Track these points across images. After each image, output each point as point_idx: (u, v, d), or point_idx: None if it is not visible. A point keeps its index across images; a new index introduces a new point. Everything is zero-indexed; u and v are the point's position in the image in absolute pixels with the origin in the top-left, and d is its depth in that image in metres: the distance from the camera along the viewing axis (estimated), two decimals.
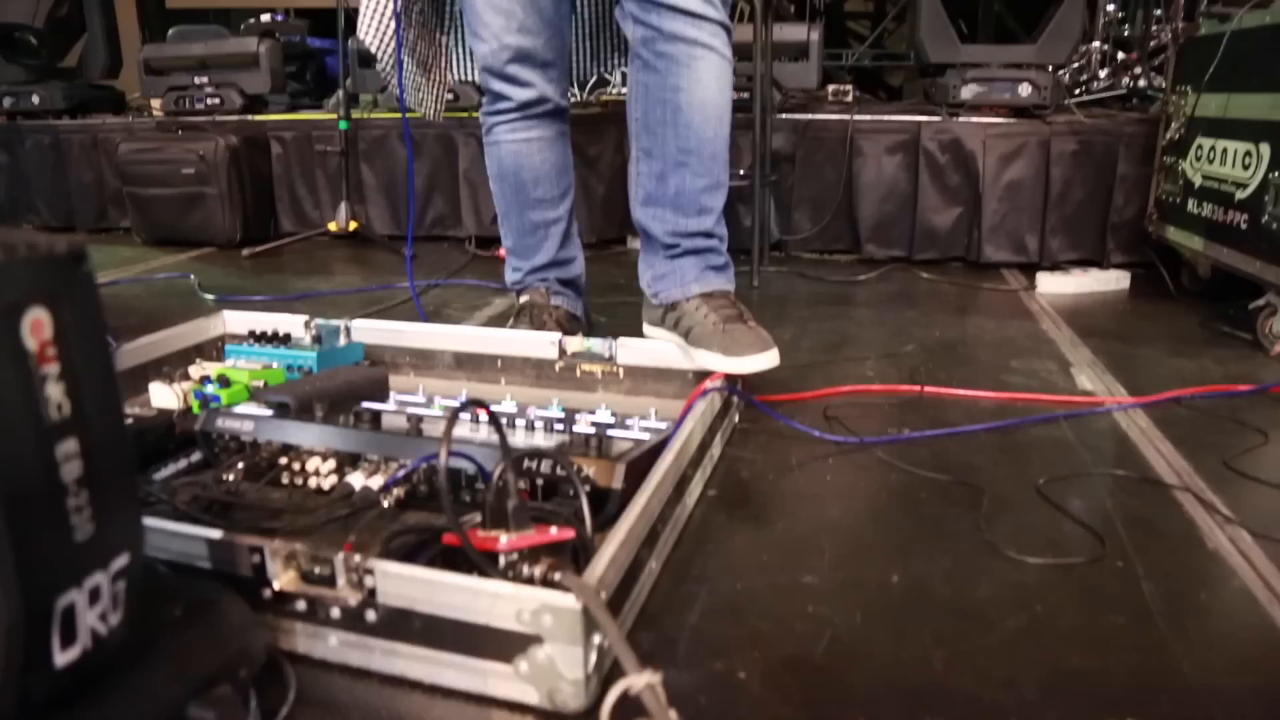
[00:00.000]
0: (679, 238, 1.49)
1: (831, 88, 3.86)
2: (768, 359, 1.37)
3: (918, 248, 2.69)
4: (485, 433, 1.24)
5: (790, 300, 2.33)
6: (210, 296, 2.42)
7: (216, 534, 0.88)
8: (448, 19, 1.77)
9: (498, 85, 1.61)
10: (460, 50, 1.79)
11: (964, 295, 2.42)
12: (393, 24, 1.62)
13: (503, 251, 1.84)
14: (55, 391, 0.59)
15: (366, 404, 1.35)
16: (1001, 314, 2.23)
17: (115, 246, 3.28)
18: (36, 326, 0.57)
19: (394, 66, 1.64)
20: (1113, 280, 2.50)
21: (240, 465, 1.18)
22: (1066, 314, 2.23)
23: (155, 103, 3.66)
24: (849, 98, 4.22)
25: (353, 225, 2.92)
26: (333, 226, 2.94)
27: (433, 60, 1.77)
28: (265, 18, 4.48)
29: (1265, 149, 1.98)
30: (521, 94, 1.61)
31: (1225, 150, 2.14)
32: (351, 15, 2.97)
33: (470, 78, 1.78)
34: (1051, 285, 2.44)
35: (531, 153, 1.66)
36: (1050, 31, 2.64)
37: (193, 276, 2.63)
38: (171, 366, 1.61)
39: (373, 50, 1.64)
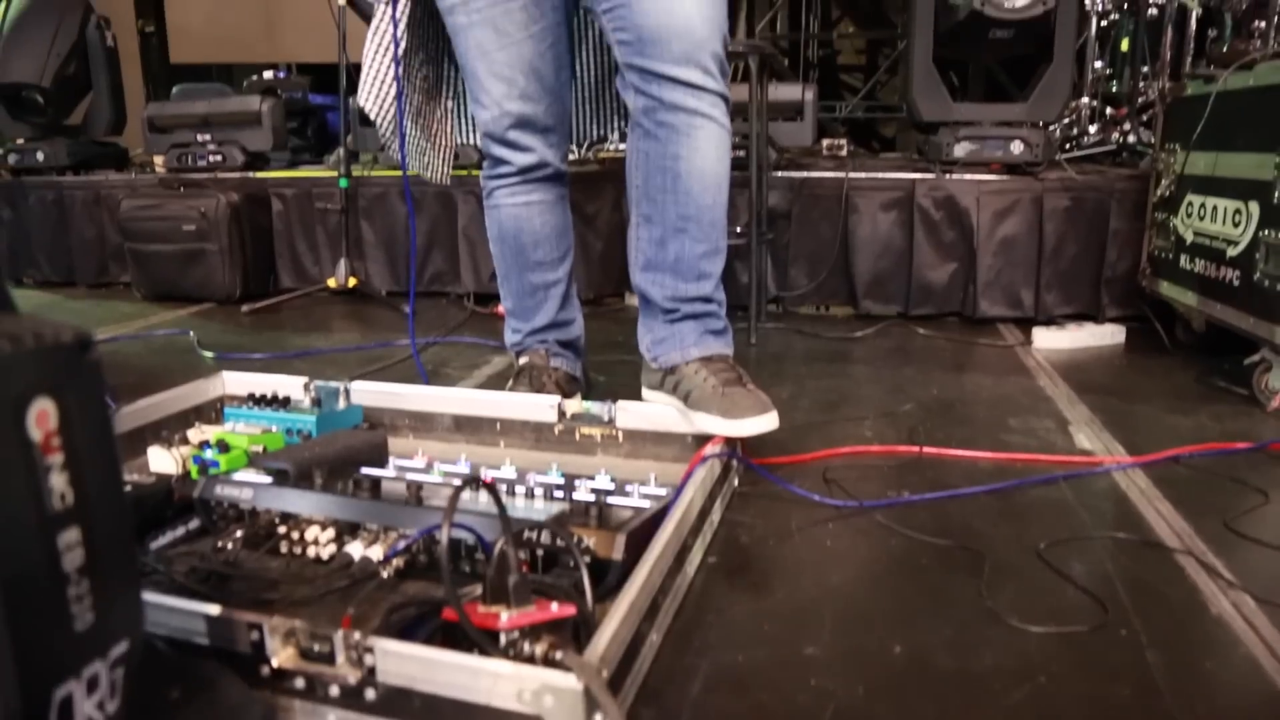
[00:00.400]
0: (678, 302, 1.50)
1: (826, 142, 3.92)
2: (767, 421, 1.37)
3: (914, 303, 2.71)
4: (485, 500, 1.24)
5: (788, 358, 2.34)
6: (209, 354, 2.43)
7: (215, 609, 0.87)
8: (450, 83, 1.80)
9: (498, 150, 1.64)
10: (462, 114, 1.82)
11: (961, 351, 2.43)
12: (394, 89, 1.64)
13: (501, 309, 1.85)
14: (59, 481, 0.59)
15: (366, 470, 1.35)
16: (998, 370, 2.23)
17: (115, 302, 3.30)
18: (42, 417, 0.58)
19: (394, 132, 1.66)
20: (1108, 335, 2.51)
21: (238, 534, 1.17)
22: (1063, 369, 2.24)
23: (158, 159, 3.71)
24: (843, 152, 4.28)
25: (352, 282, 2.94)
26: (332, 283, 2.96)
27: (437, 124, 1.79)
28: (268, 74, 4.57)
29: (1254, 207, 2.01)
30: (522, 159, 1.63)
31: (1215, 207, 2.17)
32: (353, 72, 3.03)
33: (472, 141, 1.80)
34: (1047, 341, 2.45)
35: (531, 216, 1.68)
36: (1041, 90, 2.68)
37: (192, 333, 2.64)
38: (170, 429, 1.61)
39: (372, 116, 1.66)
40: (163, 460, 1.45)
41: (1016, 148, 2.64)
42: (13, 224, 3.73)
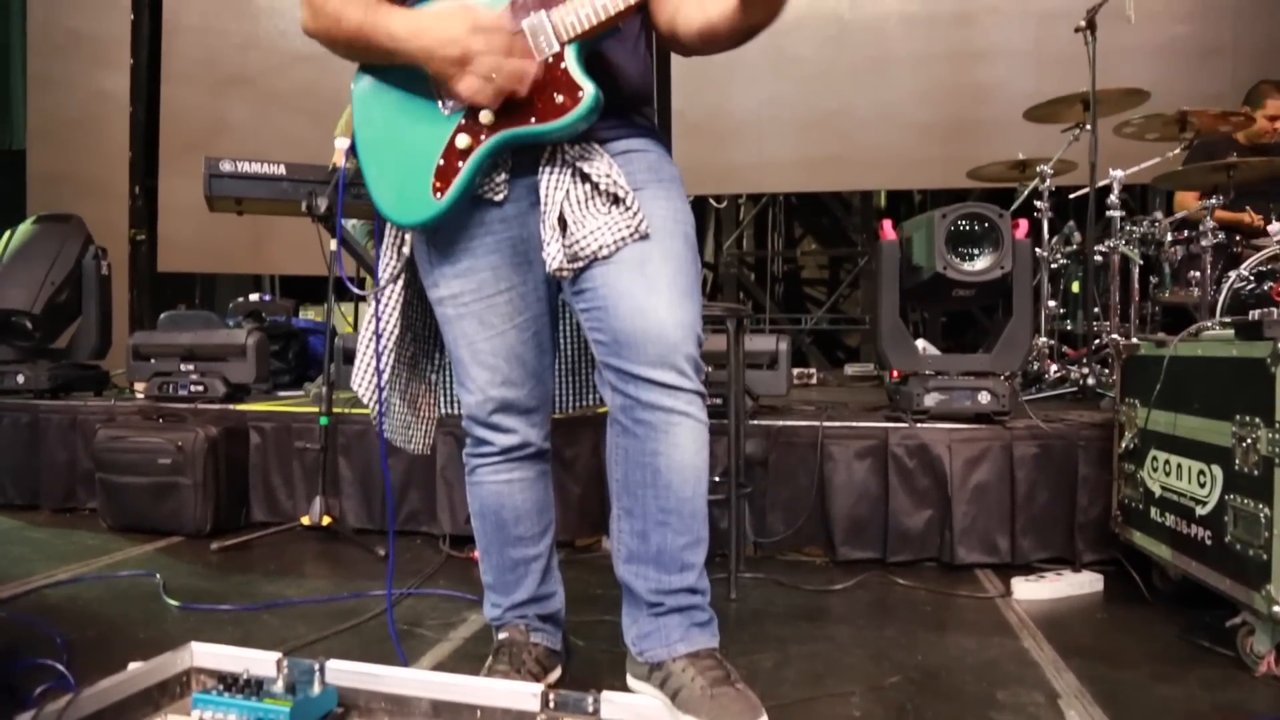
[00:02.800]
0: (663, 595, 1.50)
1: (795, 370, 4.05)
2: None
3: (891, 549, 2.71)
4: None
5: (768, 616, 2.31)
6: (175, 603, 2.36)
7: None
8: (433, 358, 1.87)
9: (481, 432, 1.67)
10: (446, 387, 1.87)
11: (941, 606, 2.41)
12: (381, 376, 1.70)
13: (477, 554, 1.83)
14: None
15: None
16: (982, 629, 2.21)
17: (79, 531, 3.22)
18: None
19: (379, 415, 1.71)
20: (1086, 584, 2.52)
21: None
22: (1045, 625, 2.22)
23: (139, 385, 3.73)
24: (813, 380, 4.43)
25: (326, 520, 2.91)
26: (305, 520, 2.93)
27: (420, 398, 1.84)
28: (254, 297, 4.70)
29: (1218, 470, 2.07)
30: (505, 440, 1.67)
31: (1180, 465, 2.23)
32: (336, 303, 3.12)
33: (455, 412, 1.84)
34: (1027, 592, 2.45)
35: (513, 492, 1.70)
36: (1003, 342, 2.82)
37: (158, 576, 2.56)
38: (133, 711, 1.54)
39: (365, 401, 1.71)
40: None
41: (984, 398, 2.73)
42: None
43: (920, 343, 3.74)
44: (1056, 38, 4.75)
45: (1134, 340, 2.54)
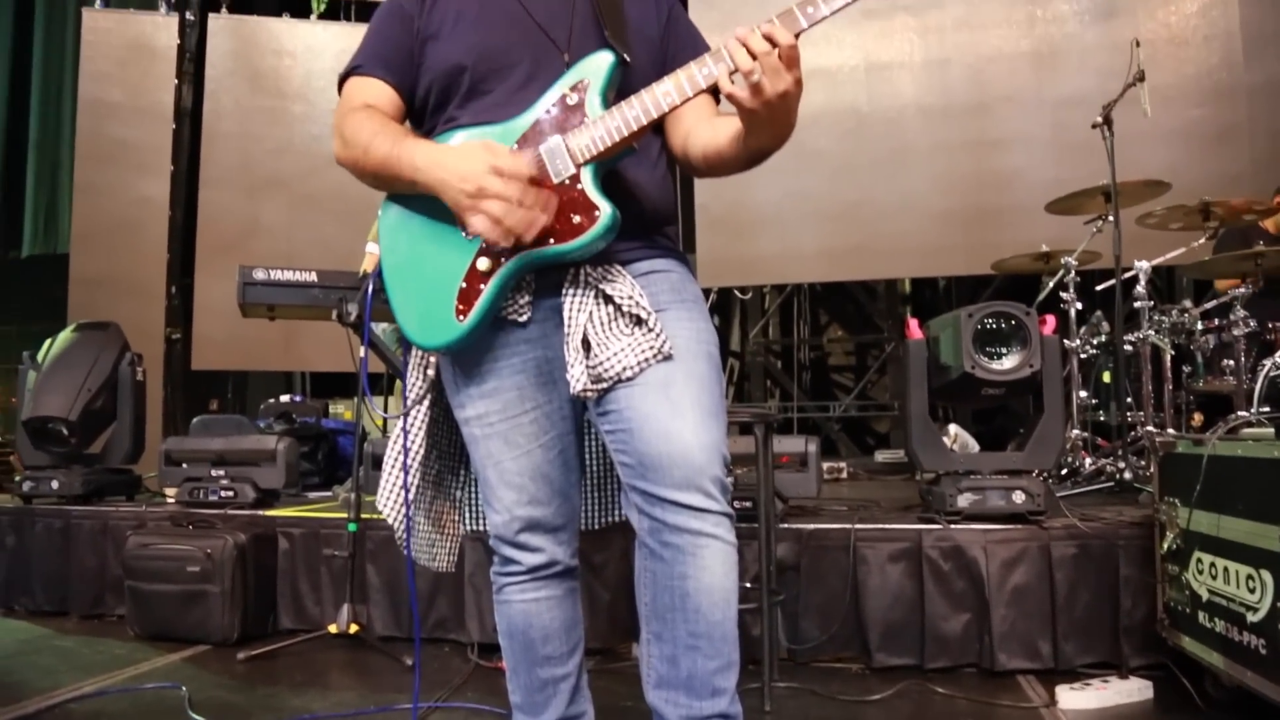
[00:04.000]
0: None
1: (826, 465, 4.01)
2: None
3: (929, 656, 2.63)
4: None
5: None
6: (200, 719, 2.32)
7: None
8: (459, 476, 1.87)
9: (508, 551, 1.66)
10: (472, 504, 1.87)
11: (984, 718, 2.32)
12: (409, 492, 1.70)
13: (504, 665, 1.79)
14: None
15: None
16: None
17: (106, 639, 3.20)
18: None
19: (405, 533, 1.71)
20: (1135, 691, 2.42)
21: None
22: None
23: (170, 490, 3.76)
24: (843, 474, 4.38)
25: (353, 628, 2.87)
26: (333, 628, 2.90)
27: (446, 515, 1.84)
28: (285, 398, 4.76)
29: (1268, 576, 2.00)
30: (532, 559, 1.65)
31: (1227, 569, 2.16)
32: (367, 404, 3.15)
33: (481, 528, 1.83)
34: (1073, 701, 2.36)
35: (541, 611, 1.68)
36: (1035, 439, 2.77)
37: (184, 689, 2.53)
38: None
39: (390, 521, 1.72)
40: None
41: (1018, 497, 2.68)
42: (15, 550, 3.71)
43: (953, 428, 3.71)
44: (1073, 124, 4.79)
45: (1170, 436, 2.49)
